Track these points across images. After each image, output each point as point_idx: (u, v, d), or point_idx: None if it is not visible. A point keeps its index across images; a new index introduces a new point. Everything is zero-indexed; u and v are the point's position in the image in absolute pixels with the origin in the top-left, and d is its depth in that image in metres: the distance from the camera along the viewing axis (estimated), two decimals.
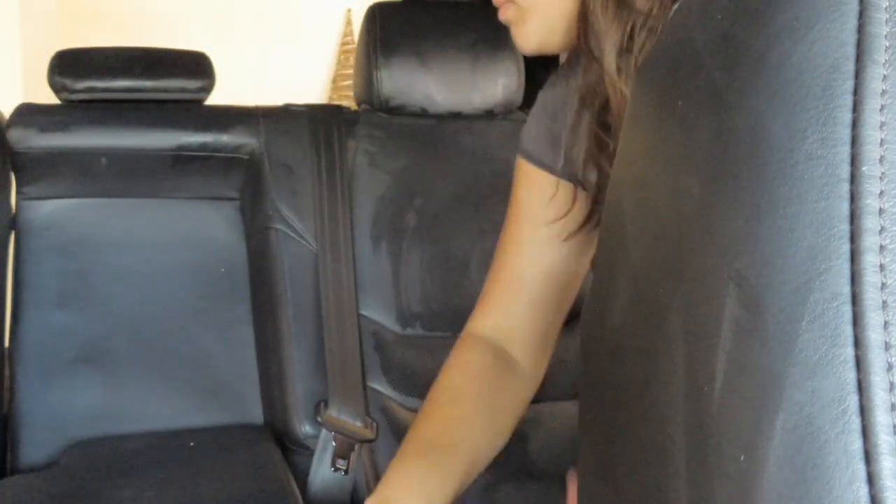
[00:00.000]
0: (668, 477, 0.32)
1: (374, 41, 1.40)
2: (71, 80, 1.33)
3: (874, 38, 0.25)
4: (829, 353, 0.24)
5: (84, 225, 1.36)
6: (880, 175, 0.25)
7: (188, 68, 1.39)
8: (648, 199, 0.36)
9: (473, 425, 0.85)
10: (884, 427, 0.23)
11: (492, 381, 0.87)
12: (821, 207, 0.25)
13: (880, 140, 0.25)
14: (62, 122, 1.33)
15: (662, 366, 0.33)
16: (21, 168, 1.33)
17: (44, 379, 1.29)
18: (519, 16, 0.76)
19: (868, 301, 0.24)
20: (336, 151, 1.36)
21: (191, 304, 1.36)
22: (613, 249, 0.40)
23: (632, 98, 0.39)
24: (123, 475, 1.14)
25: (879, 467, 0.23)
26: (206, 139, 1.37)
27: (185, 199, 1.40)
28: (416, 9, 1.45)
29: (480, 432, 0.85)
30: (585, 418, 0.43)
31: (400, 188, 1.38)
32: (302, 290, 1.29)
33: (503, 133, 1.45)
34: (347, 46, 3.63)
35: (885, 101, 0.25)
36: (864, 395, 0.24)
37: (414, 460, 0.80)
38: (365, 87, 1.42)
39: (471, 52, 1.42)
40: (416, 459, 0.81)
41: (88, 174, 1.35)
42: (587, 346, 0.43)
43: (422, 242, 1.36)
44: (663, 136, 0.35)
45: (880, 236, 0.24)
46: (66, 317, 1.32)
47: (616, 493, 0.38)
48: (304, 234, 1.32)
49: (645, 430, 0.34)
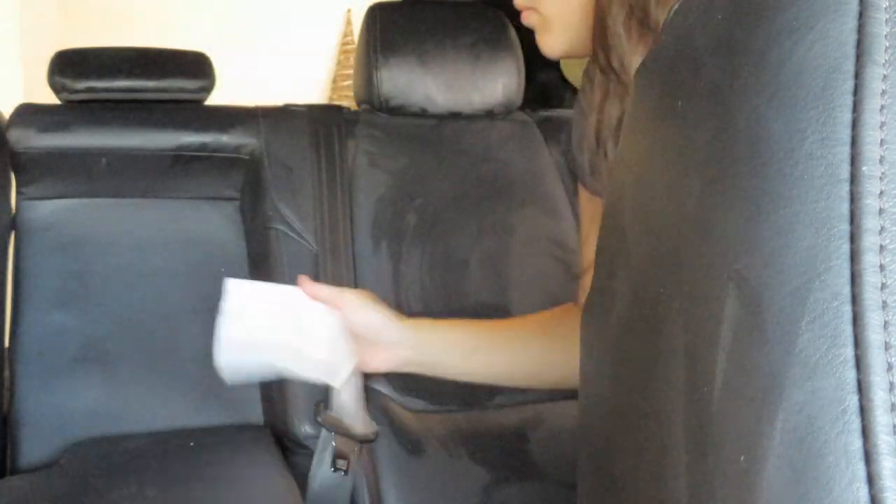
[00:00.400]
0: (668, 477, 0.32)
1: (374, 41, 1.40)
2: (71, 80, 1.33)
3: (874, 38, 0.25)
4: (828, 353, 0.24)
5: (84, 225, 1.36)
6: (880, 175, 0.25)
7: (188, 68, 1.39)
8: (648, 199, 0.36)
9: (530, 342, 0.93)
10: (884, 427, 0.23)
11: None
12: (821, 207, 0.25)
13: (880, 140, 0.25)
14: (62, 123, 1.33)
15: (662, 366, 0.33)
16: (21, 168, 1.33)
17: (44, 379, 1.29)
18: (542, 24, 0.75)
19: (868, 301, 0.24)
20: (336, 151, 1.36)
21: (191, 304, 1.36)
22: (613, 249, 0.40)
23: (632, 98, 0.39)
24: (123, 475, 1.14)
25: (879, 467, 0.23)
26: (206, 139, 1.37)
27: (186, 200, 1.40)
28: (416, 9, 1.45)
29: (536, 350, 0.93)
30: (585, 418, 0.43)
31: (400, 188, 1.38)
32: None
33: (503, 133, 1.45)
34: (347, 46, 3.63)
35: (885, 101, 0.25)
36: (864, 395, 0.24)
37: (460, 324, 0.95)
38: (365, 87, 1.42)
39: (471, 52, 1.42)
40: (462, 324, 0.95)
41: (89, 174, 1.35)
42: (587, 345, 0.43)
43: (422, 242, 1.36)
44: (663, 136, 0.35)
45: (880, 236, 0.24)
46: (66, 317, 1.32)
47: (616, 493, 0.38)
48: (304, 234, 1.32)
49: (645, 430, 0.34)
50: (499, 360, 0.93)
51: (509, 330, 0.95)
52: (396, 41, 1.40)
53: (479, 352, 0.92)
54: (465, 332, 0.94)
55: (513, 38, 1.45)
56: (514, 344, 0.93)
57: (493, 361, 0.92)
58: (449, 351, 0.93)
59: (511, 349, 0.92)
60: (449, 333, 0.93)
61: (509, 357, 0.92)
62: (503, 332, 0.94)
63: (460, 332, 0.94)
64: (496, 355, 0.92)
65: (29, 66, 2.69)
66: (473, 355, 0.92)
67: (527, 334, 0.94)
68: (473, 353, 0.92)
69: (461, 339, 0.92)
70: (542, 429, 1.23)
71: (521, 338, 0.93)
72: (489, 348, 0.92)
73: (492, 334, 0.93)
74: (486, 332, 0.94)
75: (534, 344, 0.92)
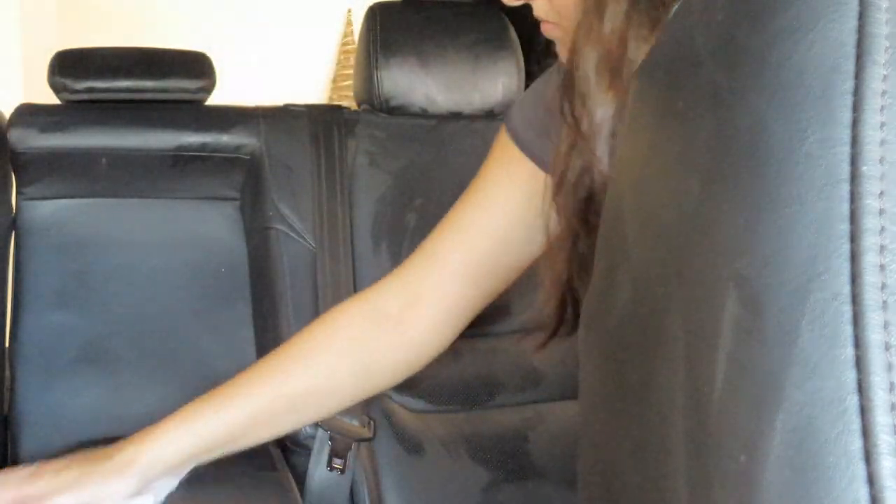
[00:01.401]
0: (668, 477, 0.32)
1: (374, 41, 1.40)
2: (71, 80, 1.33)
3: (874, 39, 0.25)
4: (829, 354, 0.24)
5: (84, 225, 1.36)
6: (880, 175, 0.25)
7: (188, 68, 1.39)
8: (648, 199, 0.36)
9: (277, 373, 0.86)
10: (884, 427, 0.23)
11: (343, 336, 0.89)
12: (821, 207, 0.25)
13: (880, 140, 0.25)
14: (62, 123, 1.33)
15: (662, 366, 0.33)
16: (21, 168, 1.33)
17: (44, 379, 1.29)
18: (565, 39, 0.72)
19: (868, 301, 0.24)
20: (336, 151, 1.36)
21: (191, 304, 1.36)
22: (613, 249, 0.40)
23: (632, 98, 0.39)
24: None
25: (879, 467, 0.23)
26: (207, 139, 1.37)
27: (186, 200, 1.40)
28: (416, 9, 1.45)
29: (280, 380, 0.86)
30: (585, 418, 0.43)
31: (400, 188, 1.38)
32: (302, 290, 1.29)
33: None
34: (348, 46, 3.63)
35: (886, 102, 0.25)
36: (864, 395, 0.24)
37: (192, 406, 0.85)
38: (365, 87, 1.42)
39: (471, 52, 1.42)
40: (194, 405, 0.85)
41: (89, 174, 1.35)
42: (587, 345, 0.43)
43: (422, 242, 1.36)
44: (663, 136, 0.35)
45: (880, 236, 0.24)
46: (66, 317, 1.32)
47: (616, 493, 0.38)
48: (304, 233, 1.32)
49: (645, 430, 0.34)
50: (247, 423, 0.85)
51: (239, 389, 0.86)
52: (396, 41, 1.40)
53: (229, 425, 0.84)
54: (194, 427, 0.83)
55: (513, 38, 1.45)
56: (252, 399, 0.85)
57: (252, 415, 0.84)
58: (184, 459, 0.85)
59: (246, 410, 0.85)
60: (169, 445, 0.83)
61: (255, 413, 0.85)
62: (230, 399, 0.85)
63: (188, 427, 0.84)
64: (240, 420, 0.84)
65: (29, 67, 2.69)
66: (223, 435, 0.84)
67: (286, 363, 0.87)
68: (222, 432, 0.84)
69: (193, 438, 0.83)
70: (542, 429, 1.23)
71: (258, 385, 0.86)
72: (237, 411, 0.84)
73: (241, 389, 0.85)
74: (232, 400, 0.84)
75: (295, 370, 0.86)
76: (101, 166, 1.34)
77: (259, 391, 0.86)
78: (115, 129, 1.34)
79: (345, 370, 0.88)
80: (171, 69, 1.38)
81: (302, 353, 0.88)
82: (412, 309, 0.88)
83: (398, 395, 1.27)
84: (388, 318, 0.88)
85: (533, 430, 1.23)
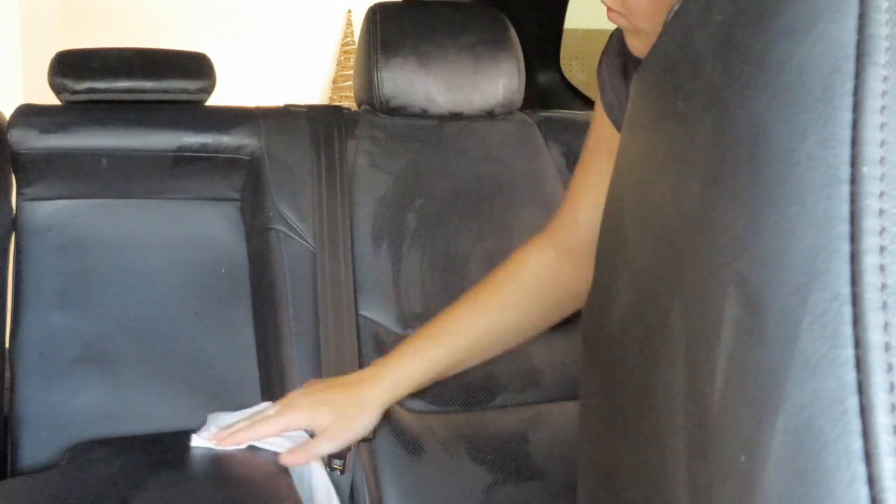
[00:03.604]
0: (668, 477, 0.32)
1: (375, 42, 1.40)
2: (71, 80, 1.33)
3: (874, 39, 0.25)
4: (829, 354, 0.24)
5: (85, 226, 1.36)
6: (881, 176, 0.25)
7: (188, 69, 1.39)
8: (648, 199, 0.36)
9: (486, 312, 1.01)
10: (884, 428, 0.23)
11: (531, 277, 1.01)
12: (821, 208, 0.25)
13: (881, 141, 0.25)
14: (63, 123, 1.33)
15: (662, 366, 0.33)
16: (22, 169, 1.33)
17: (44, 380, 1.29)
18: (631, 28, 0.74)
19: (868, 302, 0.24)
20: (336, 152, 1.36)
21: (191, 305, 1.36)
22: (613, 249, 0.40)
23: (632, 99, 0.39)
24: (124, 476, 1.14)
25: (880, 468, 0.23)
26: (207, 140, 1.37)
27: (186, 200, 1.40)
28: (416, 9, 1.45)
29: (491, 318, 1.01)
30: (585, 419, 0.43)
31: (400, 189, 1.38)
32: (302, 290, 1.29)
33: (504, 133, 1.45)
34: (348, 47, 3.63)
35: (886, 102, 0.25)
36: (865, 395, 0.24)
37: (416, 339, 1.01)
38: (365, 87, 1.42)
39: (471, 52, 1.42)
40: (418, 339, 1.01)
41: (89, 175, 1.35)
42: (587, 346, 0.43)
43: (422, 243, 1.36)
44: (663, 137, 0.35)
45: (880, 237, 0.24)
46: (66, 317, 1.32)
47: (616, 493, 0.38)
48: (304, 234, 1.32)
49: (645, 431, 0.34)
50: (471, 345, 1.00)
51: (465, 312, 1.01)
52: (397, 42, 1.40)
53: (449, 356, 0.99)
54: (426, 354, 0.99)
55: (513, 39, 1.45)
56: (478, 320, 1.00)
57: (466, 348, 1.00)
58: (420, 380, 1.00)
59: (475, 328, 1.00)
60: (410, 367, 1.00)
61: (478, 336, 1.00)
62: (461, 320, 1.00)
63: (422, 355, 0.99)
64: (464, 342, 1.00)
65: (29, 67, 2.69)
66: (446, 363, 1.00)
67: (482, 305, 1.00)
68: (446, 362, 1.00)
69: (426, 363, 0.99)
70: (542, 429, 1.23)
71: (480, 311, 1.00)
72: (453, 345, 0.99)
73: (452, 327, 1.00)
74: (448, 337, 0.99)
75: (492, 309, 1.00)
76: (102, 167, 1.34)
77: (474, 324, 1.01)
78: (115, 130, 1.34)
79: (534, 304, 1.01)
80: (172, 70, 1.38)
81: (498, 292, 1.01)
82: (584, 242, 0.97)
83: None
84: (569, 252, 0.99)
85: (533, 431, 1.23)
